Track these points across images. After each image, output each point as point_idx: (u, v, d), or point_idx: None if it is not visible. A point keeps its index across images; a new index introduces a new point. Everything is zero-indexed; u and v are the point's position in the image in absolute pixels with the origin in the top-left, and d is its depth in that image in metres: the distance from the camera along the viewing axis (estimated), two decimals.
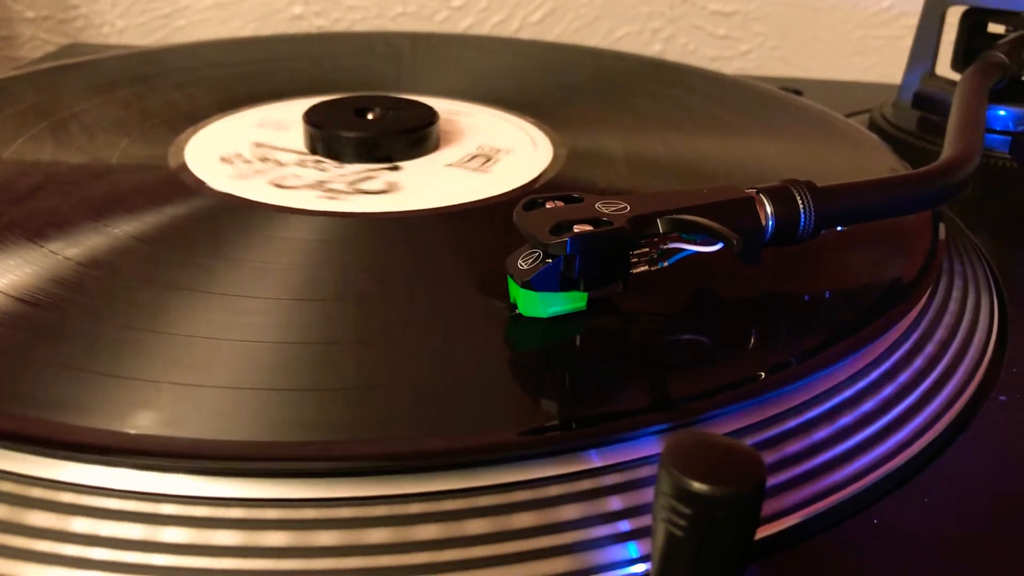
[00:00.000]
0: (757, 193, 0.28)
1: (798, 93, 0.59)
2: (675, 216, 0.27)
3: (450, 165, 0.38)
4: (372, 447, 0.22)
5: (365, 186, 0.36)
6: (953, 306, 0.31)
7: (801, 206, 0.29)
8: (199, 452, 0.22)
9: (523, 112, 0.44)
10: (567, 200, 0.28)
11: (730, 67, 0.81)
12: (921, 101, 0.46)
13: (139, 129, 0.41)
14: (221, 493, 0.21)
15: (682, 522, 0.18)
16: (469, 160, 0.39)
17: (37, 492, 0.22)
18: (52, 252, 0.30)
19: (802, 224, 0.29)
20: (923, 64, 0.48)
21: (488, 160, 0.39)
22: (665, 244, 0.28)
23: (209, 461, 0.22)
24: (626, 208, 0.27)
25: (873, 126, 0.49)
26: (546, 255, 0.26)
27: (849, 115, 0.54)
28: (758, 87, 0.49)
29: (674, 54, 0.80)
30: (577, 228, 0.26)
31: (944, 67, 0.49)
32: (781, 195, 0.29)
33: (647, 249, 0.27)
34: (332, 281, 0.29)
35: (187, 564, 0.21)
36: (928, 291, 0.31)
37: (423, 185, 0.36)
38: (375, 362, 0.25)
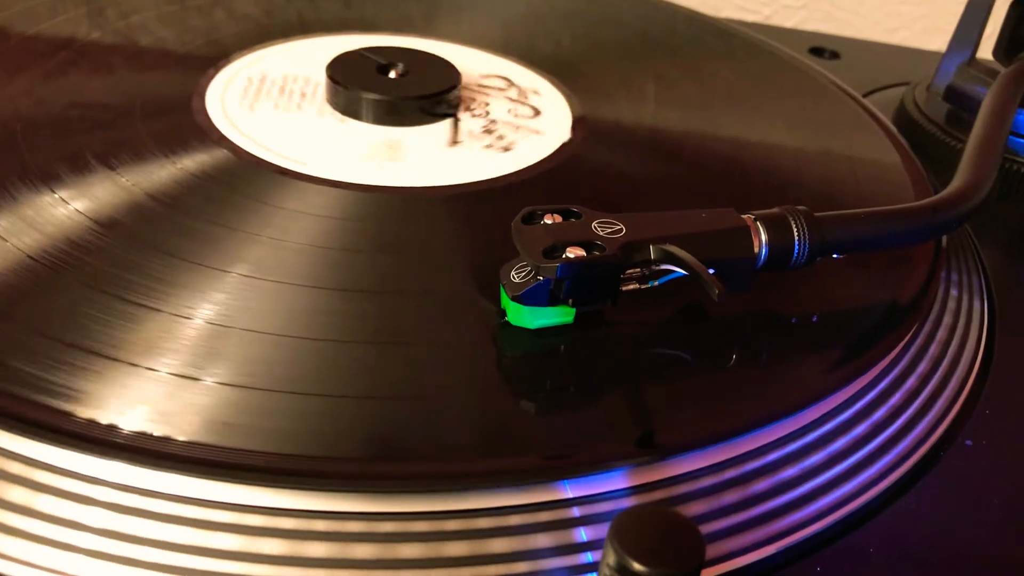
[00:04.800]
0: (754, 221, 0.29)
1: (836, 56, 0.58)
2: (666, 248, 0.27)
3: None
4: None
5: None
6: (935, 349, 0.31)
7: (796, 236, 0.29)
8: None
9: (542, 68, 0.44)
10: (566, 215, 0.28)
11: (775, 4, 0.78)
12: (952, 96, 0.45)
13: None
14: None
15: None
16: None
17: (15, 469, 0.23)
18: (62, 200, 0.31)
19: (795, 254, 0.29)
20: (964, 50, 0.46)
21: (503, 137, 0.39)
22: (657, 266, 0.28)
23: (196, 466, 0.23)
24: (622, 231, 0.28)
25: (902, 109, 0.48)
26: (538, 273, 0.27)
27: (884, 88, 0.53)
28: (791, 59, 0.48)
29: None
30: (570, 251, 0.27)
31: (987, 51, 0.47)
32: (777, 223, 0.29)
33: (639, 269, 0.28)
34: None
35: None
36: (917, 325, 0.31)
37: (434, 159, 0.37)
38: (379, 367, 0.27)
